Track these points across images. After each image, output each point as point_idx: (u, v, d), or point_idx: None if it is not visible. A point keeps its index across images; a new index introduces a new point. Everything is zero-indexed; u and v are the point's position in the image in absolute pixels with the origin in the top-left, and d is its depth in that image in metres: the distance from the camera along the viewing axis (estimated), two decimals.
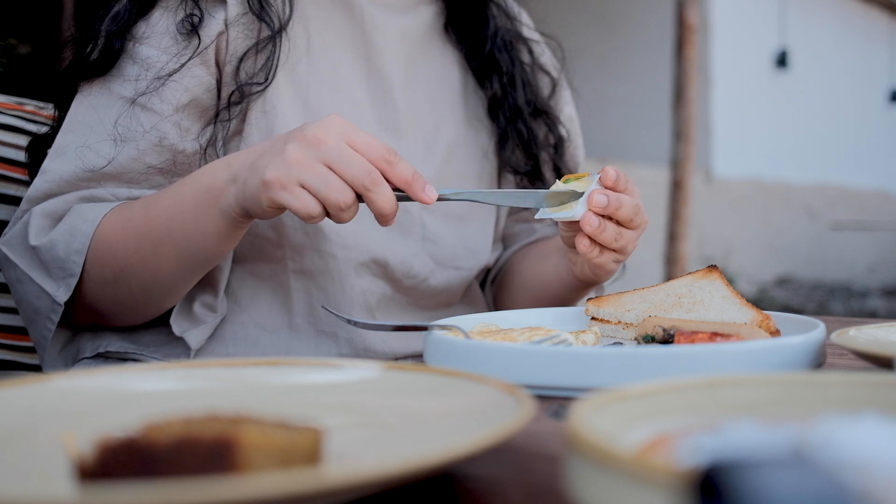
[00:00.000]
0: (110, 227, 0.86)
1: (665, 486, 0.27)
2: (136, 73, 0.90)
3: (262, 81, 0.92)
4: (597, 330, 0.81)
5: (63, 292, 0.86)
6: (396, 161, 0.76)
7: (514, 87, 1.10)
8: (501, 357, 0.63)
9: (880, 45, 10.03)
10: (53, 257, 0.86)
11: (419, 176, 0.78)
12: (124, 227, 0.86)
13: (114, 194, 0.90)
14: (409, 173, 0.77)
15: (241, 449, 0.35)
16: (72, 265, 0.86)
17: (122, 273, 0.87)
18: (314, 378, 0.55)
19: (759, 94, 8.38)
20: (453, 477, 0.42)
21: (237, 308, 0.97)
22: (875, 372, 0.53)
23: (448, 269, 1.05)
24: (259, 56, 0.93)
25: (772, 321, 0.76)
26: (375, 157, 0.76)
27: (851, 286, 8.69)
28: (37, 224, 0.88)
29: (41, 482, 0.41)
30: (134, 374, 0.54)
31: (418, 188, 0.77)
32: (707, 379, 0.43)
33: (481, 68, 1.11)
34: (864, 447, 0.29)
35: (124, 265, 0.87)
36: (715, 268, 0.86)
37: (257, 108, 0.93)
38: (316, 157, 0.75)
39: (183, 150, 0.90)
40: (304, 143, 0.75)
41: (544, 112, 1.13)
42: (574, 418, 0.34)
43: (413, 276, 1.02)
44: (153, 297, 0.90)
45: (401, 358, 1.01)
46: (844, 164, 9.49)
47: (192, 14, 0.90)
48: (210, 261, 0.87)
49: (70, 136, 0.91)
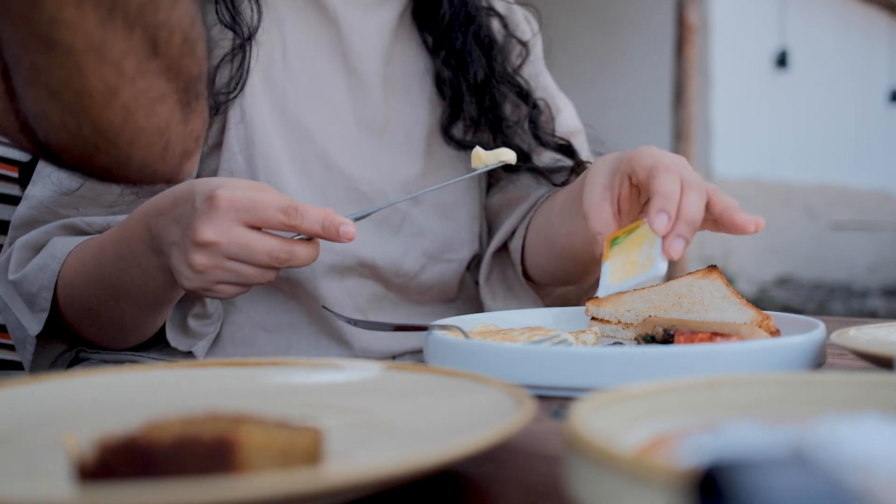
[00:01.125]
0: (72, 270, 0.87)
1: (665, 486, 0.27)
2: None
3: (233, 90, 0.92)
4: (597, 330, 0.81)
5: (35, 325, 0.87)
6: (299, 220, 0.73)
7: (463, 63, 1.05)
8: (501, 357, 0.63)
9: (880, 45, 10.02)
10: (27, 291, 0.87)
11: (330, 222, 0.74)
12: (83, 274, 0.86)
13: (87, 223, 0.90)
14: (318, 224, 0.74)
15: (241, 449, 0.35)
16: (41, 301, 0.87)
17: (90, 314, 0.88)
18: (314, 378, 0.55)
19: (759, 94, 8.37)
20: (453, 477, 0.42)
21: (233, 309, 0.96)
22: (875, 372, 0.53)
23: (440, 262, 1.04)
24: (232, 64, 0.92)
25: (772, 321, 0.76)
26: (278, 225, 0.73)
27: (851, 286, 8.69)
28: (17, 257, 0.89)
29: (41, 482, 0.41)
30: (134, 374, 0.54)
31: (332, 235, 0.74)
32: (707, 379, 0.43)
33: (435, 47, 1.07)
34: (864, 447, 0.29)
35: (89, 308, 0.88)
36: (715, 268, 0.86)
37: (234, 119, 0.93)
38: (221, 258, 0.74)
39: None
40: (203, 250, 0.73)
41: (510, 83, 1.07)
42: (574, 418, 0.34)
43: (403, 274, 1.01)
44: (127, 333, 0.91)
45: (399, 356, 1.01)
46: (844, 164, 9.49)
47: None
48: (173, 299, 0.87)
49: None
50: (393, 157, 1.03)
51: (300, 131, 0.97)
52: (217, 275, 0.75)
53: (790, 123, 8.79)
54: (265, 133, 0.94)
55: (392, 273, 1.01)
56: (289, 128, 0.96)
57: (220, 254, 0.73)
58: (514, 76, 1.09)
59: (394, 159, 1.03)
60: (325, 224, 0.74)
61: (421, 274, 1.03)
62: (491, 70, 1.06)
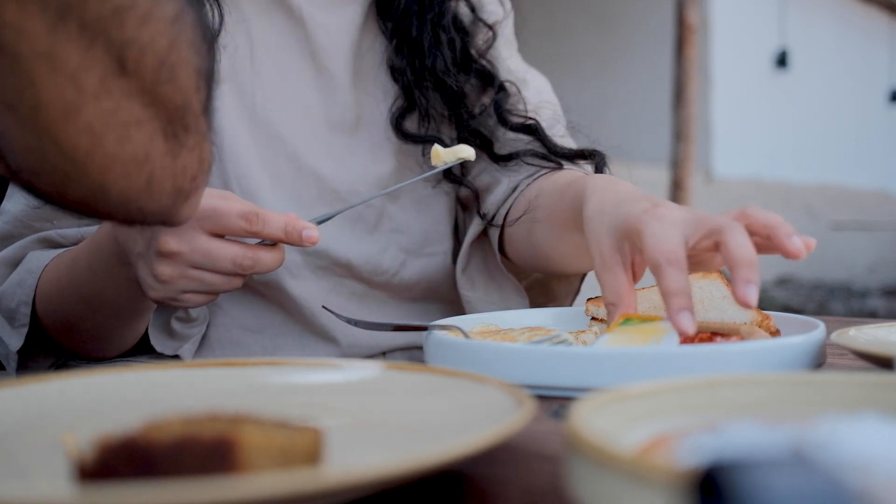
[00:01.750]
0: (48, 283, 0.87)
1: (665, 486, 0.27)
2: None
3: None
4: (597, 330, 0.81)
5: (16, 340, 0.87)
6: (262, 222, 0.73)
7: (418, 51, 1.01)
8: (501, 357, 0.63)
9: (880, 45, 10.03)
10: (6, 308, 0.87)
11: (292, 227, 0.74)
12: (58, 287, 0.86)
13: (62, 235, 0.89)
14: (280, 229, 0.74)
15: (241, 449, 0.35)
16: (21, 316, 0.87)
17: (69, 326, 0.88)
18: (314, 378, 0.55)
19: (759, 94, 8.38)
20: (453, 477, 0.42)
21: (219, 311, 0.96)
22: (875, 372, 0.53)
23: (421, 257, 1.02)
24: None
25: (772, 321, 0.76)
26: (240, 232, 0.73)
27: (851, 286, 8.68)
28: None
29: (41, 482, 0.41)
30: (134, 374, 0.54)
31: (295, 239, 0.74)
32: (707, 379, 0.43)
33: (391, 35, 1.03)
34: (864, 447, 0.29)
35: (67, 320, 0.88)
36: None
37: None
38: (185, 267, 0.74)
39: None
40: (166, 260, 0.73)
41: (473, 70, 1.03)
42: (574, 418, 0.34)
43: (383, 272, 1.00)
44: (107, 343, 0.91)
45: (388, 352, 1.01)
46: (844, 164, 9.49)
47: None
48: (148, 308, 0.87)
49: None
50: (365, 155, 1.01)
51: (270, 133, 0.96)
52: (182, 284, 0.75)
53: (790, 123, 8.80)
54: (234, 136, 0.93)
55: (370, 271, 0.99)
56: (258, 130, 0.95)
57: (184, 263, 0.73)
58: (478, 60, 1.04)
59: (366, 157, 1.01)
60: (287, 229, 0.74)
61: (402, 271, 1.01)
62: (453, 58, 1.02)
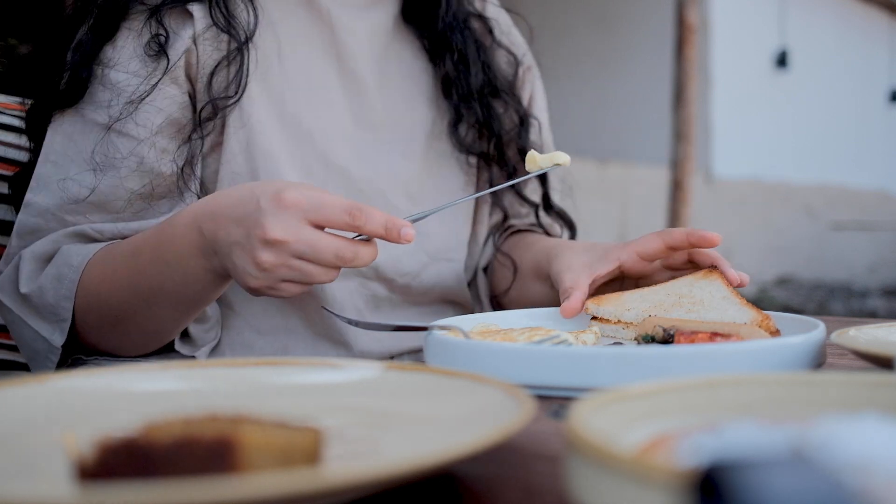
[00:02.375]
0: (97, 277, 0.86)
1: (665, 486, 0.27)
2: (108, 99, 0.89)
3: (232, 94, 0.92)
4: (597, 330, 0.81)
5: (58, 336, 0.87)
6: (364, 218, 0.75)
7: (466, 65, 1.07)
8: (501, 357, 0.63)
9: (880, 45, 10.02)
10: (44, 303, 0.87)
11: (392, 224, 0.76)
12: (112, 280, 0.86)
13: (98, 230, 0.89)
14: (381, 225, 0.75)
15: (241, 449, 0.35)
16: (62, 311, 0.86)
17: (116, 321, 0.88)
18: (314, 378, 0.55)
19: (759, 94, 8.38)
20: (453, 477, 0.42)
21: (231, 313, 0.96)
22: (875, 372, 0.53)
23: (440, 262, 1.05)
24: (230, 69, 0.92)
25: (772, 321, 0.76)
26: (340, 225, 0.75)
27: (851, 286, 8.68)
28: (27, 269, 0.88)
29: (41, 482, 0.41)
30: (134, 374, 0.54)
31: (394, 237, 0.76)
32: (707, 379, 0.43)
33: (433, 48, 1.08)
34: (864, 447, 0.29)
35: (118, 315, 0.87)
36: (715, 268, 0.86)
37: (234, 121, 0.93)
38: (287, 255, 0.74)
39: (161, 173, 0.90)
40: (270, 248, 0.74)
41: (504, 92, 1.10)
42: (574, 418, 0.34)
43: (405, 274, 1.02)
44: (152, 338, 0.91)
45: (397, 356, 1.01)
46: (844, 164, 9.49)
47: (158, 34, 0.90)
48: (207, 301, 0.88)
49: (49, 166, 0.91)
50: (391, 156, 1.03)
51: (299, 131, 0.97)
52: (282, 273, 0.75)
53: (790, 123, 8.79)
54: (264, 132, 0.94)
55: (395, 273, 1.01)
56: (287, 128, 0.97)
57: (288, 252, 0.74)
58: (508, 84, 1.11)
59: (392, 158, 1.03)
60: (387, 226, 0.75)
61: (423, 273, 1.03)
62: (486, 74, 1.08)
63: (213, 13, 0.92)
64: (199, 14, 0.92)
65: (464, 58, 1.07)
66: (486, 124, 1.08)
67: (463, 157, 1.09)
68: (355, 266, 0.77)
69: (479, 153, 1.09)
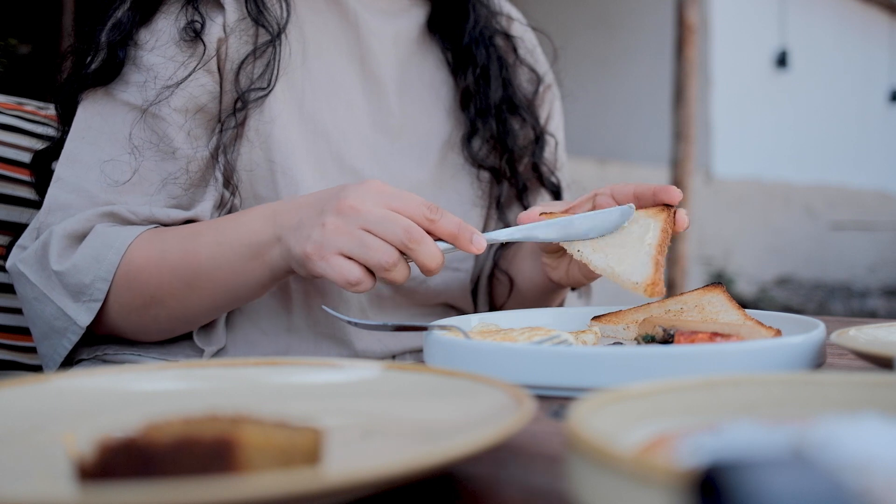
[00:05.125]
0: (142, 257, 0.86)
1: (665, 486, 0.27)
2: (142, 80, 0.89)
3: (264, 87, 0.92)
4: (597, 330, 0.81)
5: (85, 316, 0.86)
6: (439, 217, 0.76)
7: (487, 81, 1.09)
8: (501, 357, 0.63)
9: (880, 45, 10.02)
10: (78, 282, 0.86)
11: (465, 228, 0.77)
12: (158, 261, 0.85)
13: (133, 212, 0.89)
14: (455, 226, 0.76)
15: (241, 449, 0.35)
16: (96, 291, 0.86)
17: (151, 302, 0.87)
18: (314, 378, 0.55)
19: (759, 94, 8.37)
20: (453, 477, 0.42)
21: (236, 311, 0.96)
22: (875, 372, 0.53)
23: (447, 271, 1.05)
24: (258, 62, 0.92)
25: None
26: (416, 216, 0.76)
27: (851, 286, 8.68)
28: (58, 245, 0.87)
29: (41, 482, 0.41)
30: (134, 374, 0.54)
31: (465, 241, 0.76)
32: (707, 379, 0.43)
33: (456, 61, 1.10)
34: (864, 447, 0.29)
35: (155, 296, 0.87)
36: (719, 285, 0.86)
37: (256, 114, 0.93)
38: (355, 224, 0.75)
39: (194, 159, 0.90)
40: (341, 214, 0.76)
41: (522, 108, 1.11)
42: (574, 418, 0.34)
43: (412, 278, 1.02)
44: (181, 325, 0.91)
45: (399, 355, 1.01)
46: (844, 164, 9.49)
47: (194, 20, 0.90)
48: (247, 300, 0.89)
49: (81, 144, 0.90)
50: (405, 161, 1.04)
51: (317, 129, 0.98)
52: (342, 241, 0.75)
53: (790, 123, 8.79)
54: (283, 127, 0.94)
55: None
56: (305, 125, 0.97)
57: (356, 222, 0.75)
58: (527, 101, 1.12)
59: (406, 164, 1.04)
60: (460, 228, 0.76)
61: (429, 279, 1.04)
62: (506, 91, 1.10)
63: (248, 4, 0.92)
64: (231, 6, 0.92)
65: (485, 73, 1.08)
66: (500, 139, 1.09)
67: (475, 171, 1.09)
68: (414, 257, 0.76)
69: (490, 168, 1.09)
